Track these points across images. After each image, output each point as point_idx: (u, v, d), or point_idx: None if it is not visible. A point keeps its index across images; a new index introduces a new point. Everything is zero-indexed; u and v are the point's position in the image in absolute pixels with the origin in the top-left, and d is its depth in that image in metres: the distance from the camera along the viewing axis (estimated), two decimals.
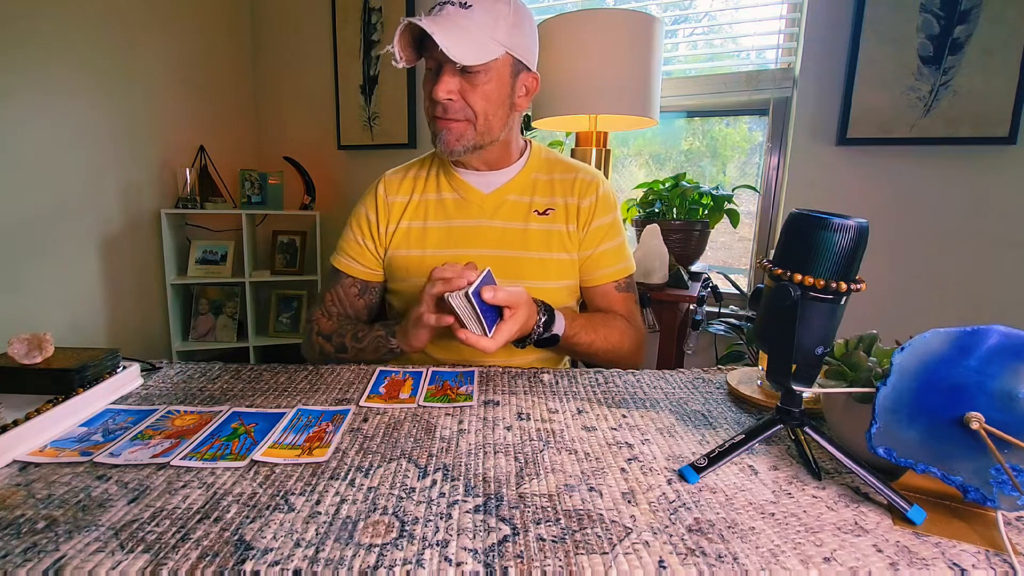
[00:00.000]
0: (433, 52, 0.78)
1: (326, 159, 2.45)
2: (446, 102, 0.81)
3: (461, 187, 0.92)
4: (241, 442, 0.54)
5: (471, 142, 0.84)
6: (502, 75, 0.82)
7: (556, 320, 0.82)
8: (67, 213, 1.81)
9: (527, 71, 0.86)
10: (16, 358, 0.61)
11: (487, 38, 0.78)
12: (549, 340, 0.82)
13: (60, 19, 1.73)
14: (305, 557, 0.37)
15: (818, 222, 0.45)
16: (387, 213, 0.94)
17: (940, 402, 0.44)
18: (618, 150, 2.14)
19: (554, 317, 0.81)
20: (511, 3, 0.80)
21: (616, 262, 0.94)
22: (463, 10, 0.77)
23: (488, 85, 0.81)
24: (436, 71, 0.81)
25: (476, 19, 0.77)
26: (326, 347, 0.90)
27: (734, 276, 1.86)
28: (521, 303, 0.72)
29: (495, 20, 0.78)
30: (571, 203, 0.92)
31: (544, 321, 0.80)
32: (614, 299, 0.95)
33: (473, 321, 0.69)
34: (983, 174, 1.52)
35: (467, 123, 0.83)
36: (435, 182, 0.94)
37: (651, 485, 0.48)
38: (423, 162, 0.98)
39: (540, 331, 0.80)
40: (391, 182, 0.96)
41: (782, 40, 1.77)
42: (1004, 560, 0.39)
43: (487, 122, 0.84)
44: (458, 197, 0.92)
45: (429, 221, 0.92)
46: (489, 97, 0.82)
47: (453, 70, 0.79)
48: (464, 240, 0.91)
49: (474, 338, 0.68)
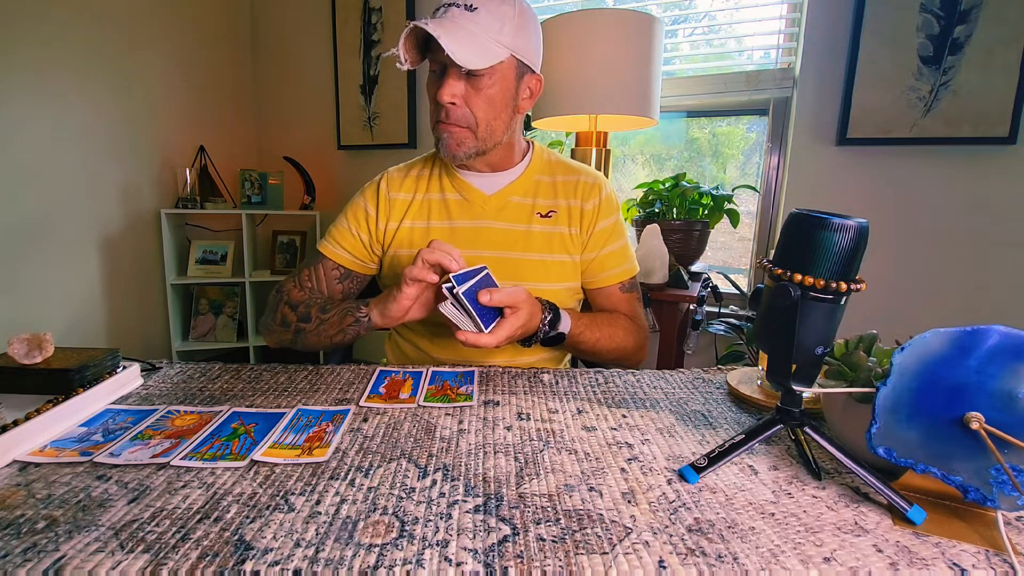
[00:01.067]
0: (437, 55, 0.78)
1: (326, 159, 2.45)
2: (449, 106, 0.80)
3: (464, 188, 0.92)
4: (241, 442, 0.54)
5: (472, 148, 0.84)
6: (506, 78, 0.82)
7: (562, 318, 0.82)
8: (67, 213, 1.81)
9: (531, 73, 0.86)
10: (16, 358, 0.61)
11: (492, 41, 0.77)
12: (555, 339, 0.82)
13: (60, 20, 1.73)
14: (305, 557, 0.37)
15: (818, 222, 0.45)
16: (388, 210, 0.93)
17: (940, 402, 0.44)
18: (618, 150, 2.14)
19: (559, 315, 0.81)
20: (516, 5, 0.80)
21: (620, 263, 0.94)
22: (468, 12, 0.76)
23: (492, 88, 0.81)
24: (440, 73, 0.81)
25: (481, 22, 0.76)
26: (289, 316, 0.86)
27: (734, 276, 1.86)
28: (521, 301, 0.72)
29: (500, 23, 0.78)
30: (574, 206, 0.92)
31: (550, 319, 0.80)
32: (618, 300, 0.95)
33: (468, 322, 0.68)
34: (983, 174, 1.52)
35: (468, 130, 0.83)
36: (438, 182, 0.94)
37: (651, 485, 0.48)
38: (425, 161, 0.98)
39: (546, 329, 0.80)
40: (394, 179, 0.95)
41: (782, 40, 1.77)
42: (1004, 560, 0.39)
43: (489, 128, 0.83)
44: (461, 198, 0.92)
45: (432, 221, 0.92)
46: (493, 101, 0.82)
47: (458, 73, 0.79)
48: (467, 241, 0.91)
49: (472, 336, 0.68)
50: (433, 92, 0.82)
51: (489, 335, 0.69)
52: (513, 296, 0.71)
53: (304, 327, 0.84)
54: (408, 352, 0.97)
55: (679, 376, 0.77)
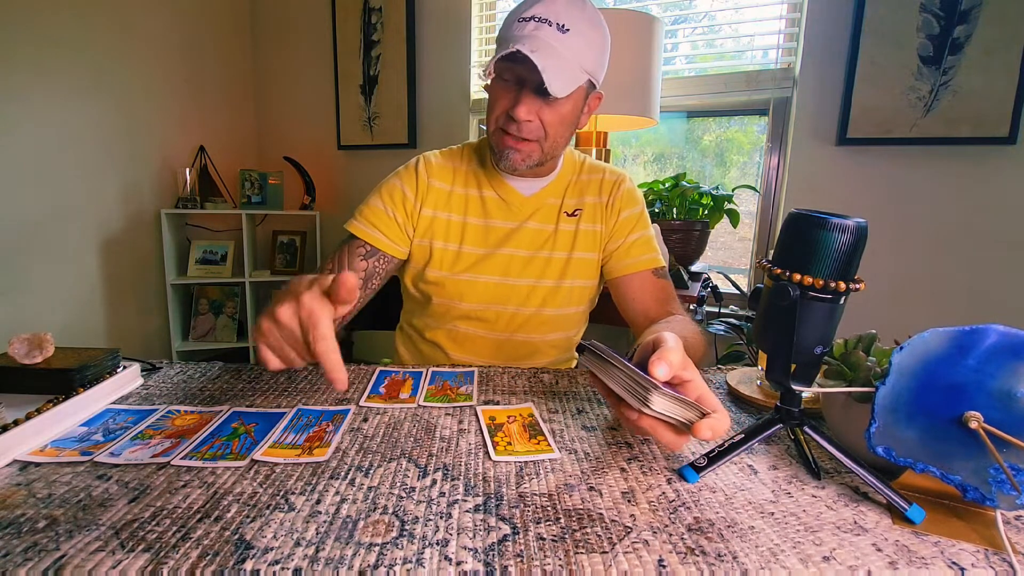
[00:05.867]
0: (517, 68, 0.75)
1: (326, 159, 2.45)
2: (524, 122, 0.78)
3: (502, 188, 0.91)
4: (241, 442, 0.54)
5: (536, 160, 0.83)
6: (579, 98, 0.81)
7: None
8: (67, 213, 1.81)
9: (595, 91, 0.85)
10: (16, 358, 0.61)
11: (577, 66, 0.75)
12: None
13: (60, 19, 1.73)
14: (305, 556, 0.37)
15: (817, 222, 0.45)
16: (425, 195, 0.90)
17: (939, 401, 0.44)
18: (619, 150, 2.14)
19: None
20: (602, 28, 0.78)
21: (649, 251, 0.92)
22: (560, 34, 0.73)
23: (566, 107, 0.79)
24: (515, 84, 0.78)
25: (572, 46, 0.74)
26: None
27: (734, 276, 1.86)
28: (685, 356, 0.51)
29: (587, 47, 0.76)
30: (598, 202, 0.93)
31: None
32: (654, 287, 0.90)
33: (682, 409, 0.47)
34: (983, 174, 1.52)
35: (536, 144, 0.81)
36: (475, 178, 0.92)
37: (651, 484, 0.48)
38: (461, 153, 0.94)
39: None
40: (433, 166, 0.91)
41: (782, 40, 1.77)
42: (1003, 559, 0.39)
43: (554, 143, 0.83)
44: (498, 197, 0.91)
45: (469, 217, 0.91)
46: (564, 119, 0.81)
47: (537, 90, 0.76)
48: (501, 240, 0.90)
49: (720, 422, 0.46)
50: (506, 104, 0.79)
51: (721, 412, 0.47)
52: (683, 355, 0.51)
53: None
54: (425, 351, 0.96)
55: None
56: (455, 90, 2.18)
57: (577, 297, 0.93)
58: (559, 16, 0.74)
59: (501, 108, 0.80)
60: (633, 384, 0.47)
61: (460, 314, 0.91)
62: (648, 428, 0.47)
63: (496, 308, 0.91)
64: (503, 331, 0.92)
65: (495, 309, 0.91)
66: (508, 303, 0.90)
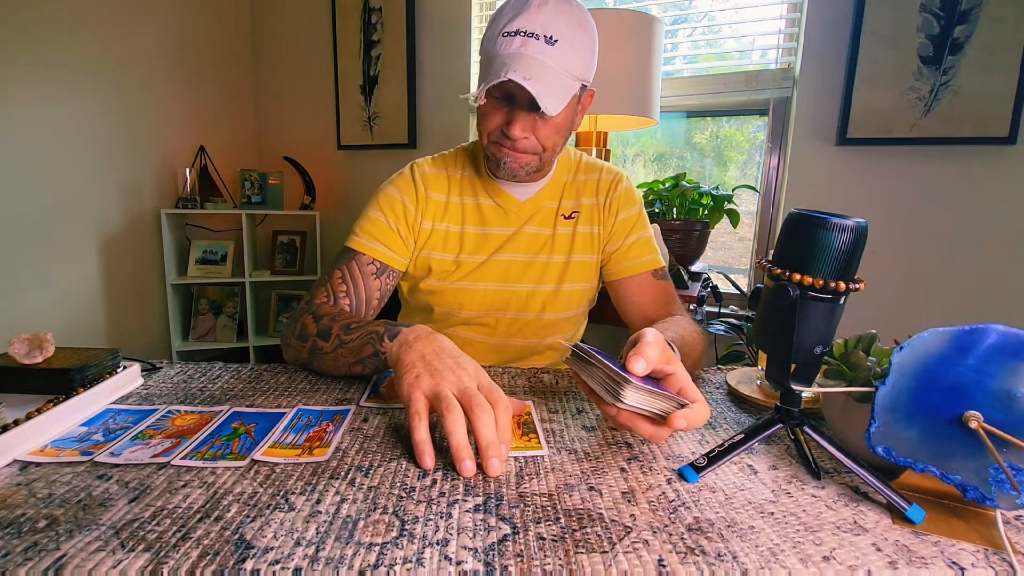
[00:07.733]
0: (506, 86, 0.72)
1: (326, 159, 2.45)
2: (519, 140, 0.77)
3: (498, 195, 0.90)
4: (241, 442, 0.54)
5: (535, 167, 0.83)
6: (571, 104, 0.79)
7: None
8: (67, 213, 1.81)
9: (586, 89, 0.83)
10: (17, 358, 0.61)
11: (567, 76, 0.74)
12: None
13: (60, 19, 1.73)
14: (306, 556, 0.37)
15: (817, 222, 0.45)
16: (424, 207, 0.88)
17: (939, 401, 0.44)
18: (619, 150, 2.14)
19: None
20: (590, 29, 0.76)
21: (648, 252, 0.91)
22: (549, 47, 0.71)
23: (559, 118, 0.78)
24: (505, 101, 0.77)
25: (560, 57, 0.72)
26: (310, 327, 0.73)
27: (734, 276, 1.86)
28: (665, 350, 0.54)
29: (575, 53, 0.74)
30: (595, 203, 0.92)
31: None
32: (654, 288, 0.90)
33: (656, 401, 0.50)
34: (983, 174, 1.52)
35: (534, 155, 0.81)
36: (470, 186, 0.91)
37: (651, 484, 0.48)
38: (455, 160, 0.93)
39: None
40: (428, 176, 0.90)
41: (782, 40, 1.77)
42: (1003, 559, 0.39)
43: (553, 151, 0.82)
44: (494, 204, 0.90)
45: (467, 226, 0.90)
46: (559, 129, 0.80)
47: (530, 106, 0.74)
48: (497, 246, 0.90)
49: (697, 413, 0.49)
50: (499, 121, 0.78)
51: (701, 403, 0.51)
52: (660, 350, 0.52)
53: (321, 345, 0.71)
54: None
55: None
56: (455, 90, 2.18)
57: (577, 300, 0.93)
58: (545, 27, 0.71)
59: (494, 124, 0.79)
60: (608, 380, 0.50)
61: (460, 321, 0.91)
62: (626, 422, 0.50)
63: (496, 314, 0.90)
64: (503, 335, 0.92)
65: (495, 315, 0.90)
66: (508, 308, 0.90)
